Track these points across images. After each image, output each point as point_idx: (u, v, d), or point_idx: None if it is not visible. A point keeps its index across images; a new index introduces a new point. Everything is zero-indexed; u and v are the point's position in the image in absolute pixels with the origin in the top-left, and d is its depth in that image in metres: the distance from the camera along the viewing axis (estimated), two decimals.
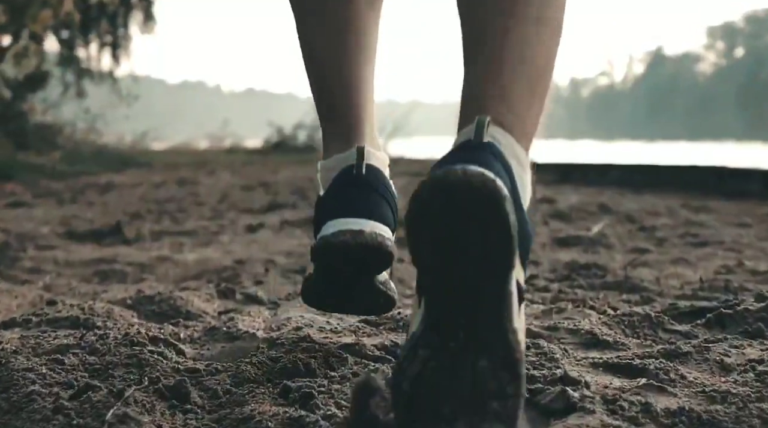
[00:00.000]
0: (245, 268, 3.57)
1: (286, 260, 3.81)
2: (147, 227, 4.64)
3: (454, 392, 1.08)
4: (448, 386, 1.08)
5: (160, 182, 9.27)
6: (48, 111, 13.87)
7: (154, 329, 1.90)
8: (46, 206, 6.05)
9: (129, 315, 2.07)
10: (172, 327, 1.97)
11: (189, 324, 2.03)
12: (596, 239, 4.21)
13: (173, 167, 12.37)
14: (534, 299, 2.45)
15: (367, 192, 1.57)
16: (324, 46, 1.64)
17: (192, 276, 3.46)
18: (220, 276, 3.39)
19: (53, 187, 8.29)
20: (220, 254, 3.94)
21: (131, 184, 8.87)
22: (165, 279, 3.41)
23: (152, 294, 2.24)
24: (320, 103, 1.69)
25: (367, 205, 1.55)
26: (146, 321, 2.07)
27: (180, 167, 12.41)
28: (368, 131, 1.67)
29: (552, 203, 6.41)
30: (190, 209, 5.84)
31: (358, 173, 1.58)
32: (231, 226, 4.76)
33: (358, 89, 1.65)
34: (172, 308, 2.17)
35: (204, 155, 15.39)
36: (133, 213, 5.49)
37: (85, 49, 20.90)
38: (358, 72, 1.65)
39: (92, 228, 4.44)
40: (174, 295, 2.23)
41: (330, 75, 1.65)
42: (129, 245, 4.15)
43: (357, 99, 1.65)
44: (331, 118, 1.67)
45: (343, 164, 1.61)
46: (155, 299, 2.21)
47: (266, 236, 4.38)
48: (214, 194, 7.33)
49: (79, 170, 10.67)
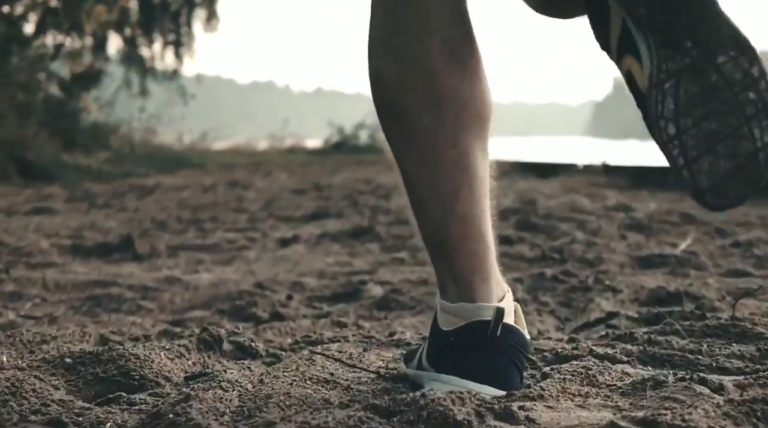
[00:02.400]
0: (265, 293, 3.01)
1: (316, 283, 3.24)
2: (165, 240, 4.10)
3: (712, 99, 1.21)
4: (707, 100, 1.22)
5: (210, 184, 8.77)
6: (103, 110, 13.46)
7: (70, 414, 1.32)
8: (71, 212, 5.55)
9: (50, 387, 1.49)
10: (107, 408, 1.40)
11: (134, 402, 1.45)
12: (684, 259, 3.57)
13: (228, 168, 11.88)
14: (617, 354, 1.83)
15: (498, 358, 1.47)
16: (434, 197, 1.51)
17: (199, 304, 2.91)
18: (232, 304, 2.83)
19: (94, 190, 7.81)
20: (241, 274, 3.37)
21: (177, 187, 8.37)
22: (166, 308, 2.86)
23: (101, 351, 1.67)
24: (433, 253, 1.56)
25: (498, 372, 1.46)
26: (72, 396, 1.49)
27: (235, 168, 11.92)
28: (494, 281, 1.52)
29: (628, 211, 5.76)
30: (224, 217, 5.29)
31: (492, 335, 1.46)
32: (262, 239, 4.20)
33: (476, 240, 1.51)
34: (122, 373, 1.59)
35: (263, 156, 14.89)
36: (160, 222, 4.96)
37: (148, 48, 20.69)
38: (475, 221, 1.51)
39: (102, 241, 3.90)
40: (132, 352, 1.66)
41: (443, 229, 1.51)
42: (140, 262, 3.61)
43: (477, 251, 1.51)
44: (446, 268, 1.53)
45: (472, 317, 1.48)
46: (103, 357, 1.64)
47: (299, 252, 3.80)
48: (260, 199, 6.79)
49: (128, 171, 10.21)
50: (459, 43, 1.49)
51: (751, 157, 1.24)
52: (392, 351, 1.91)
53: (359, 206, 5.84)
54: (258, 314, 2.68)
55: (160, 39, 20.51)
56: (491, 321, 1.46)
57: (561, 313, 2.85)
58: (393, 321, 2.64)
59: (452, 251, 1.51)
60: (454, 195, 1.50)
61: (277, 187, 8.43)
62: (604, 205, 6.16)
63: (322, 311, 2.79)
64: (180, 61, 20.67)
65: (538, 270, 3.46)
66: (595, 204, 6.29)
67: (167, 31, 20.55)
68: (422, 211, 1.54)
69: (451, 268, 1.52)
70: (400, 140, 1.53)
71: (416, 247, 4.01)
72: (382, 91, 1.51)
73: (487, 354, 1.46)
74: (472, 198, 1.51)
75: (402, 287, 3.11)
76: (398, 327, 2.56)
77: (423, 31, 1.47)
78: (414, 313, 2.79)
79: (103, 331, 2.22)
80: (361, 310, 2.83)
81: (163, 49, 20.55)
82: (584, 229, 4.72)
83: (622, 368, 1.71)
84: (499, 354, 1.46)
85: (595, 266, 3.59)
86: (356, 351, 1.87)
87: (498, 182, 1.62)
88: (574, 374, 1.59)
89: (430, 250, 1.56)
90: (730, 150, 1.25)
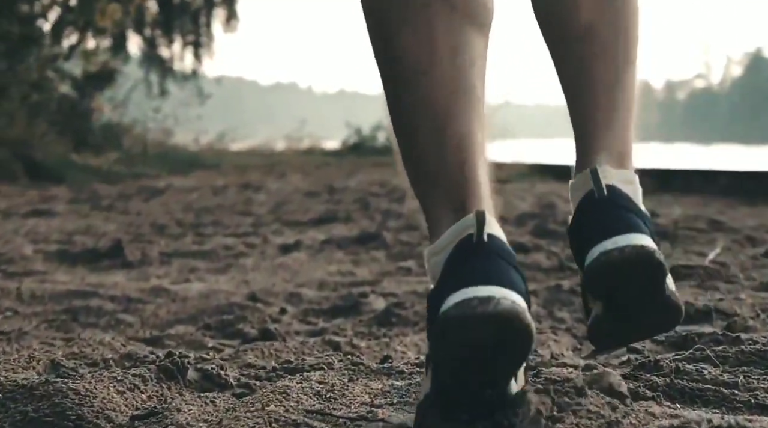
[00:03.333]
0: (257, 306, 2.77)
1: (313, 294, 3.00)
2: (161, 246, 3.87)
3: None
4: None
5: (221, 186, 8.56)
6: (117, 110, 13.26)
7: None
8: (70, 214, 5.32)
9: None
10: None
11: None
12: (713, 270, 3.30)
13: (242, 169, 11.66)
14: (640, 389, 1.58)
15: (493, 259, 1.25)
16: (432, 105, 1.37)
17: (184, 318, 2.68)
18: (219, 319, 2.60)
19: (101, 191, 7.60)
20: (235, 284, 3.14)
21: (188, 188, 8.15)
22: (147, 323, 2.63)
23: (36, 384, 1.43)
24: (420, 175, 1.39)
25: (495, 272, 1.22)
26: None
27: (250, 169, 11.70)
28: (486, 198, 1.35)
29: (652, 215, 5.49)
30: (228, 220, 5.06)
31: (479, 240, 1.25)
32: (262, 245, 3.95)
33: (473, 153, 1.36)
34: (56, 412, 1.35)
35: (279, 157, 14.67)
36: (160, 226, 4.73)
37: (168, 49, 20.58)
38: (473, 134, 1.37)
39: (91, 247, 3.67)
40: (72, 387, 1.41)
41: (439, 140, 1.36)
42: (129, 270, 3.38)
43: (473, 163, 1.35)
44: (439, 187, 1.35)
45: (458, 236, 1.28)
46: (38, 391, 1.40)
47: (300, 260, 3.56)
48: (269, 202, 6.56)
49: (139, 172, 10.01)
50: None
51: None
52: (382, 382, 1.66)
53: (370, 210, 5.59)
54: (245, 331, 2.44)
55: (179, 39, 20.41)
56: (474, 228, 1.27)
57: (578, 331, 2.60)
58: (393, 340, 2.40)
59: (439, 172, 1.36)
60: (448, 110, 1.37)
61: (288, 189, 8.21)
62: None
63: (316, 327, 2.55)
64: (199, 62, 20.56)
65: (554, 282, 3.22)
66: None
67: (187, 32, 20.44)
68: (413, 138, 1.39)
69: (447, 195, 1.35)
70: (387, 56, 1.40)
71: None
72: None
73: (478, 258, 1.25)
74: (473, 109, 1.39)
75: (406, 300, 2.86)
76: (398, 345, 2.32)
77: None
78: (417, 330, 2.54)
79: (59, 354, 1.98)
80: (359, 326, 2.59)
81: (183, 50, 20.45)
82: None
83: (646, 407, 1.46)
84: (492, 256, 1.26)
85: None
86: (340, 381, 1.63)
87: (517, 185, 1.42)
88: (591, 417, 1.35)
89: (422, 182, 1.39)
90: None
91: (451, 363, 1.21)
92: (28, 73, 10.03)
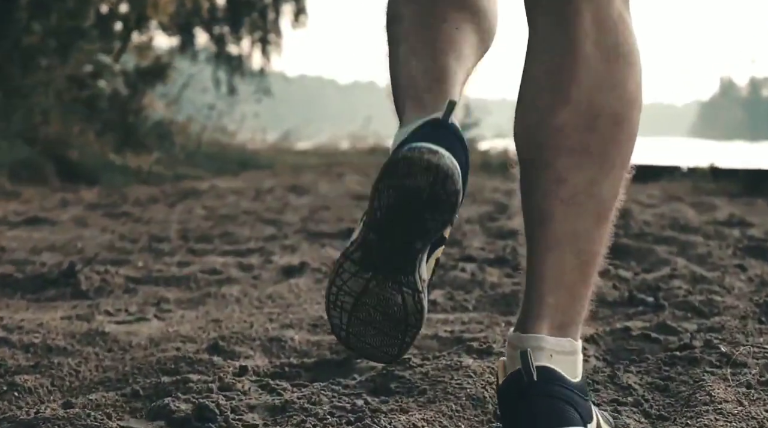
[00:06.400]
0: (214, 361, 2.06)
1: (300, 339, 2.29)
2: (137, 266, 3.17)
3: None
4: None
5: (267, 188, 7.88)
6: (170, 107, 12.68)
7: None
8: (68, 223, 4.66)
9: None
10: None
11: None
12: None
13: (297, 170, 10.98)
14: None
15: (450, 134, 1.44)
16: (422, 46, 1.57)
17: (111, 379, 2.01)
18: (155, 383, 1.89)
19: (131, 194, 6.96)
20: (202, 323, 2.42)
21: (228, 191, 7.49)
22: (60, 386, 1.94)
23: None
24: (402, 93, 1.57)
25: (448, 142, 1.41)
26: None
27: (306, 170, 11.01)
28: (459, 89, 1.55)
29: (743, 226, 4.67)
30: (243, 231, 4.35)
31: (444, 120, 1.44)
32: (260, 267, 3.22)
33: (447, 79, 1.53)
34: None
35: (341, 156, 13.95)
36: (159, 238, 4.03)
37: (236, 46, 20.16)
38: (449, 65, 1.55)
39: (41, 272, 2.97)
40: None
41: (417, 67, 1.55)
42: (80, 300, 2.68)
43: (446, 86, 1.53)
44: (415, 98, 1.53)
45: (425, 119, 1.47)
46: None
47: (298, 288, 2.83)
48: (308, 207, 5.85)
49: (183, 173, 9.36)
50: None
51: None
52: None
53: None
54: (174, 408, 1.72)
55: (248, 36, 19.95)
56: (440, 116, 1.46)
57: (652, 404, 1.84)
58: (387, 421, 1.66)
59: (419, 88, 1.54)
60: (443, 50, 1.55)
61: (337, 192, 7.51)
62: (714, 218, 5.07)
63: (280, 400, 1.81)
64: (267, 59, 20.08)
65: (621, 323, 2.44)
66: (702, 216, 5.20)
67: (255, 28, 19.98)
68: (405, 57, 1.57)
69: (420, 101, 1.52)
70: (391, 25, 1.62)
71: (459, 282, 3.00)
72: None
73: (435, 130, 1.44)
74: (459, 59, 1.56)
75: (417, 353, 2.13)
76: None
77: None
78: (424, 401, 1.80)
79: None
80: (342, 396, 1.85)
81: (252, 47, 19.98)
82: (688, 254, 3.66)
83: None
84: (450, 131, 1.44)
85: (705, 316, 2.55)
86: None
87: None
88: None
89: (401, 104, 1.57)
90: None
91: (387, 200, 1.37)
92: (63, 68, 9.44)
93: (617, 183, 1.48)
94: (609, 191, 1.47)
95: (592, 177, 1.45)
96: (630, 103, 1.46)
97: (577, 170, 1.44)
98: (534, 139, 1.47)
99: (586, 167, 1.45)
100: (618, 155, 1.47)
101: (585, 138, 1.44)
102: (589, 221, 1.46)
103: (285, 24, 23.26)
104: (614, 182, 1.47)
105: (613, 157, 1.46)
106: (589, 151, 1.44)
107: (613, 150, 1.46)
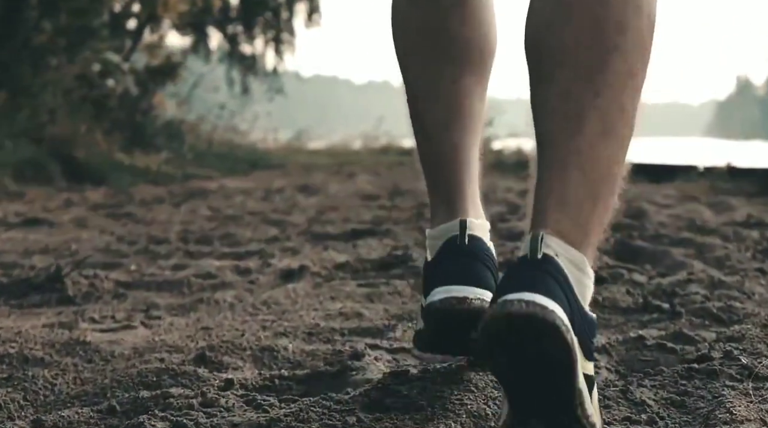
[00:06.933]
0: (199, 373, 1.93)
1: (294, 348, 2.16)
2: (130, 270, 3.04)
3: None
4: None
5: (277, 188, 7.77)
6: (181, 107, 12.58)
7: None
8: (66, 225, 4.54)
9: None
10: None
11: None
12: None
13: (308, 169, 10.86)
14: None
15: (470, 261, 1.69)
16: (433, 124, 1.76)
17: (90, 393, 1.89)
18: (133, 397, 1.77)
19: (137, 194, 6.86)
20: (191, 332, 2.29)
21: (237, 191, 7.38)
22: (33, 402, 1.82)
23: None
24: (428, 176, 1.80)
25: (470, 273, 1.68)
26: None
27: (317, 169, 10.89)
28: (471, 203, 1.76)
29: (762, 227, 4.51)
30: (245, 233, 4.22)
31: (461, 243, 1.68)
32: (258, 270, 3.09)
33: (462, 165, 1.75)
34: None
35: (353, 156, 13.82)
36: (159, 239, 3.91)
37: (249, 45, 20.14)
38: (464, 149, 1.75)
39: (27, 276, 2.85)
40: None
41: (437, 151, 1.76)
42: (65, 307, 2.56)
43: (461, 175, 1.75)
44: (437, 190, 1.78)
45: (448, 234, 1.72)
46: None
47: (296, 294, 2.69)
48: (314, 208, 5.73)
49: (192, 173, 9.25)
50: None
51: None
52: None
53: (424, 219, 4.71)
54: (149, 427, 1.59)
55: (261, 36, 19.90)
56: (458, 233, 1.69)
57: (668, 422, 1.70)
58: None
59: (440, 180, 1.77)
60: (450, 124, 1.74)
61: (348, 192, 7.39)
62: (731, 219, 4.91)
63: (267, 417, 1.67)
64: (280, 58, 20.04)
65: (635, 332, 2.30)
66: (720, 217, 5.05)
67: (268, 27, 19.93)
68: (423, 137, 1.79)
69: (443, 198, 1.77)
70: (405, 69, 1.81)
71: None
72: (392, 22, 1.80)
73: (458, 258, 1.68)
74: (465, 129, 1.75)
75: (417, 365, 1.99)
76: None
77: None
78: (421, 419, 1.66)
79: None
80: (334, 413, 1.71)
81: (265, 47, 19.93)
82: (706, 257, 3.52)
83: None
84: (469, 257, 1.69)
85: (724, 324, 2.41)
86: None
87: None
88: None
89: (427, 173, 1.79)
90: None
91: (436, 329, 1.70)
92: (72, 67, 9.34)
93: (624, 95, 1.42)
94: (613, 103, 1.41)
95: (596, 90, 1.40)
96: (635, 10, 1.41)
97: (580, 82, 1.40)
98: (538, 51, 1.44)
99: (588, 79, 1.40)
100: (624, 64, 1.41)
101: (587, 49, 1.40)
102: (595, 135, 1.40)
103: (298, 23, 23.16)
104: (619, 93, 1.41)
105: (618, 67, 1.40)
106: (591, 61, 1.40)
107: (617, 60, 1.40)
